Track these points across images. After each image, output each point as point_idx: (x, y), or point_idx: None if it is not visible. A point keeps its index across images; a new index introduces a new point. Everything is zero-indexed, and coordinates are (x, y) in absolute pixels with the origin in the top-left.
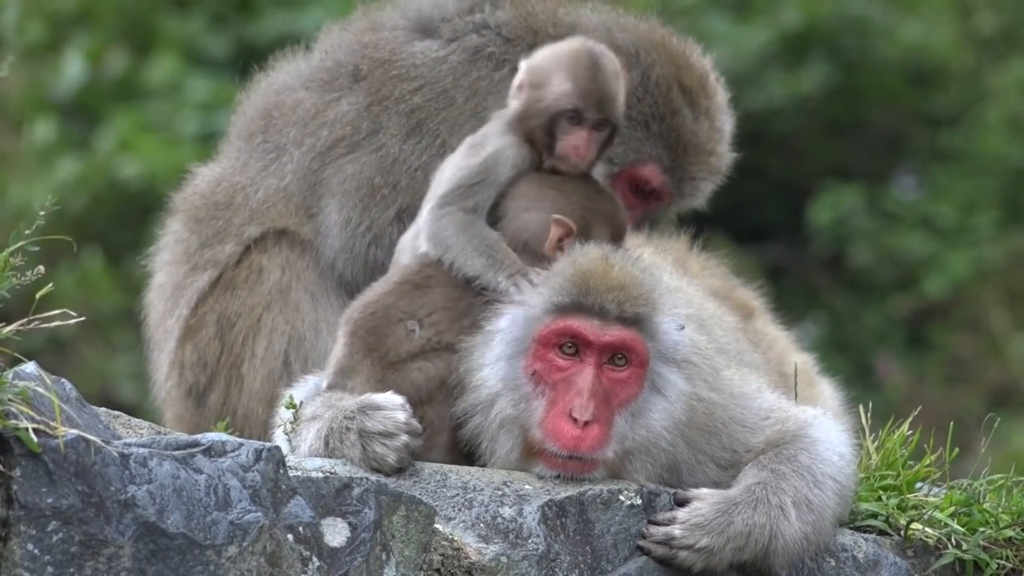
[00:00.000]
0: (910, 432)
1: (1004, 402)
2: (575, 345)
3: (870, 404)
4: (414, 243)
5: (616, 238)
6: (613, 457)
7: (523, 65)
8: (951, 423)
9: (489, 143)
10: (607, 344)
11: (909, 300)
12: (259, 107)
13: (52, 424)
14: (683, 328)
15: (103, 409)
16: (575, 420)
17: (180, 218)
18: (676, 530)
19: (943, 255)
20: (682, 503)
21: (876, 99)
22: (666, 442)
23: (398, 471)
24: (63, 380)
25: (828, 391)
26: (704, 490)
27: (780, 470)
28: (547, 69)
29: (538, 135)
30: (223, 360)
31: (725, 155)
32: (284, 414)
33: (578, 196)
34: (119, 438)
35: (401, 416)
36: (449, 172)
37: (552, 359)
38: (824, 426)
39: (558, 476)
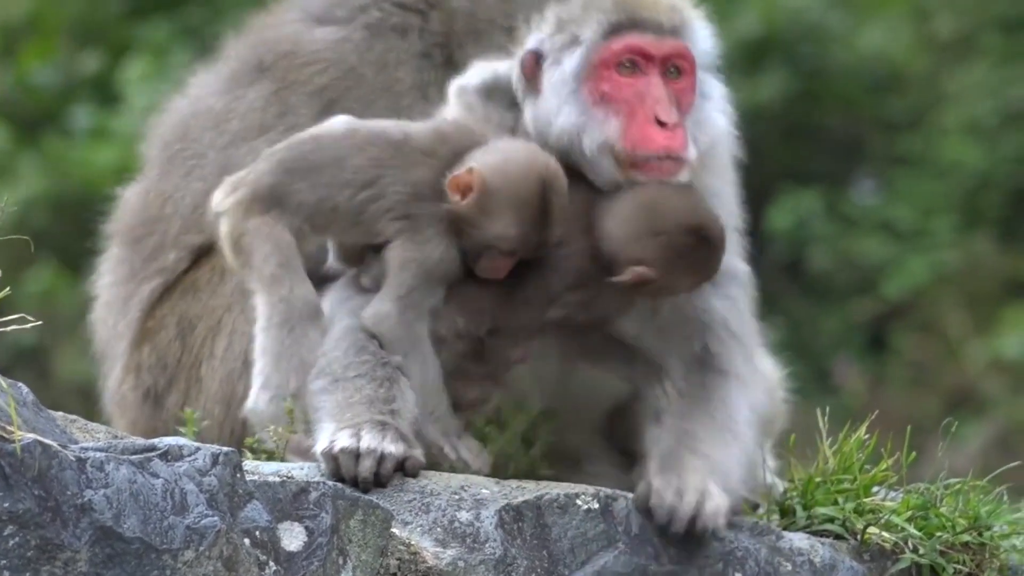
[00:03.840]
0: (867, 436)
1: (962, 406)
2: (633, 63)
3: (827, 408)
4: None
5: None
6: (694, 160)
7: (476, 169)
8: (909, 427)
9: (429, 240)
10: (667, 55)
11: (868, 304)
12: (174, 121)
13: (8, 428)
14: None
15: (60, 413)
16: (661, 124)
17: (116, 242)
18: None
19: (902, 259)
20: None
21: (834, 104)
22: (724, 147)
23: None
24: (19, 384)
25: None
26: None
27: (696, 446)
28: (499, 200)
29: (468, 245)
30: (183, 361)
31: None
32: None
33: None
34: (76, 442)
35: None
36: (398, 262)
37: (617, 79)
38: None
39: (653, 179)
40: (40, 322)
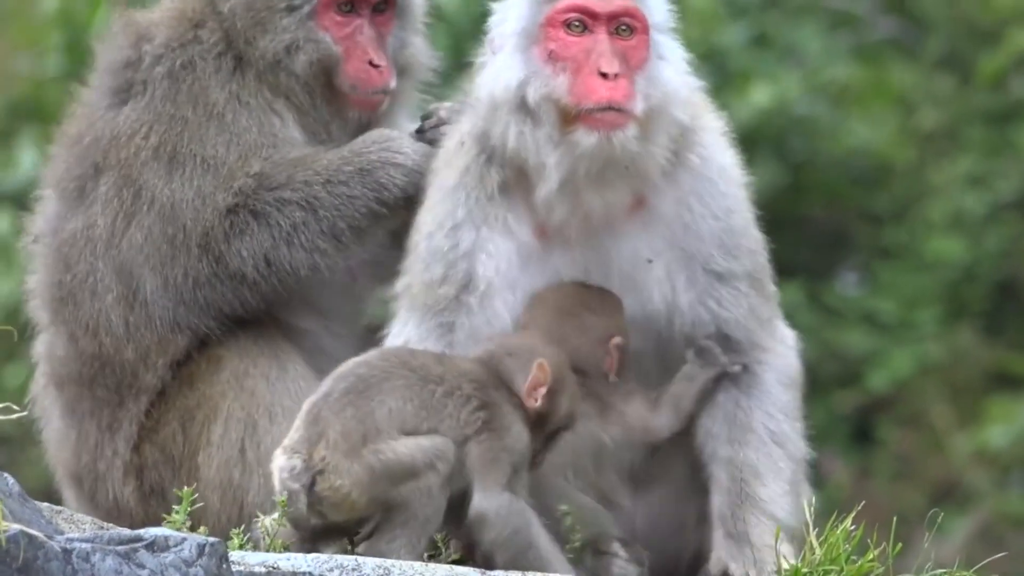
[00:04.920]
0: (853, 527)
1: (947, 497)
2: (582, 23)
3: (813, 499)
4: None
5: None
6: (641, 113)
7: (543, 363)
8: (894, 518)
9: (510, 428)
10: (613, 13)
11: (852, 396)
12: (50, 261)
13: None
14: None
15: (46, 504)
16: (604, 76)
17: (62, 389)
18: None
19: (886, 351)
20: None
21: (819, 196)
22: (679, 106)
23: None
24: (5, 475)
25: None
26: None
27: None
28: (564, 386)
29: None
30: (186, 451)
31: None
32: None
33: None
34: (62, 533)
35: None
36: (489, 456)
37: (564, 37)
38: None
39: (598, 137)
40: (24, 412)
